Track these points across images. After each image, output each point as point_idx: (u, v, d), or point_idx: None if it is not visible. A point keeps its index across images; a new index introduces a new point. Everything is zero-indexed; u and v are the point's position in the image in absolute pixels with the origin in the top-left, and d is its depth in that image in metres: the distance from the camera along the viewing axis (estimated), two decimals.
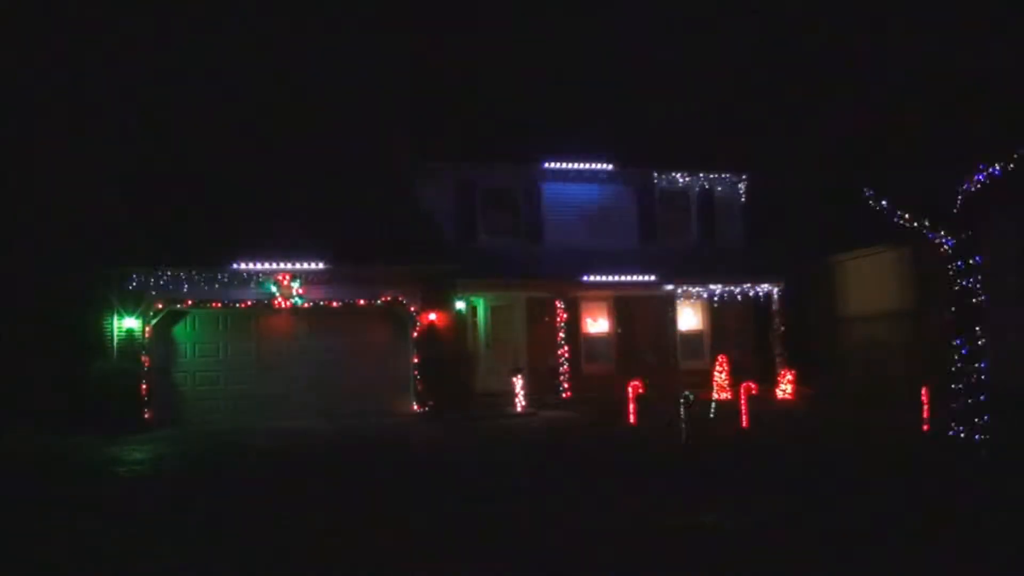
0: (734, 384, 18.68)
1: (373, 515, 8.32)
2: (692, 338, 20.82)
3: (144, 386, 15.84)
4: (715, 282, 19.96)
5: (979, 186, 12.28)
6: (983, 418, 12.06)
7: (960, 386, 12.24)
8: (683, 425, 13.02)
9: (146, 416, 15.71)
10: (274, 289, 16.63)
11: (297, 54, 26.15)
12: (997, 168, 12.02)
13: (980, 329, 12.26)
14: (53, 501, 9.40)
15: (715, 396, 17.02)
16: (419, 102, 24.14)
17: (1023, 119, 11.72)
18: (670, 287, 19.65)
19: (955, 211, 12.51)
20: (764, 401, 17.69)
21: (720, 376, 19.22)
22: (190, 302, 16.40)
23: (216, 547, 7.23)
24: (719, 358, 19.61)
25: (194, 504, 9.10)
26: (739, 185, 21.80)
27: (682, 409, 13.14)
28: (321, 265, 16.76)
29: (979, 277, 12.38)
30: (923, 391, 13.49)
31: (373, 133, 23.76)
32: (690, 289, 19.81)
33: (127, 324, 15.97)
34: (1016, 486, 9.19)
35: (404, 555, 6.86)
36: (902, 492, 8.99)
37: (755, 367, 20.42)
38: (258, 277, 16.57)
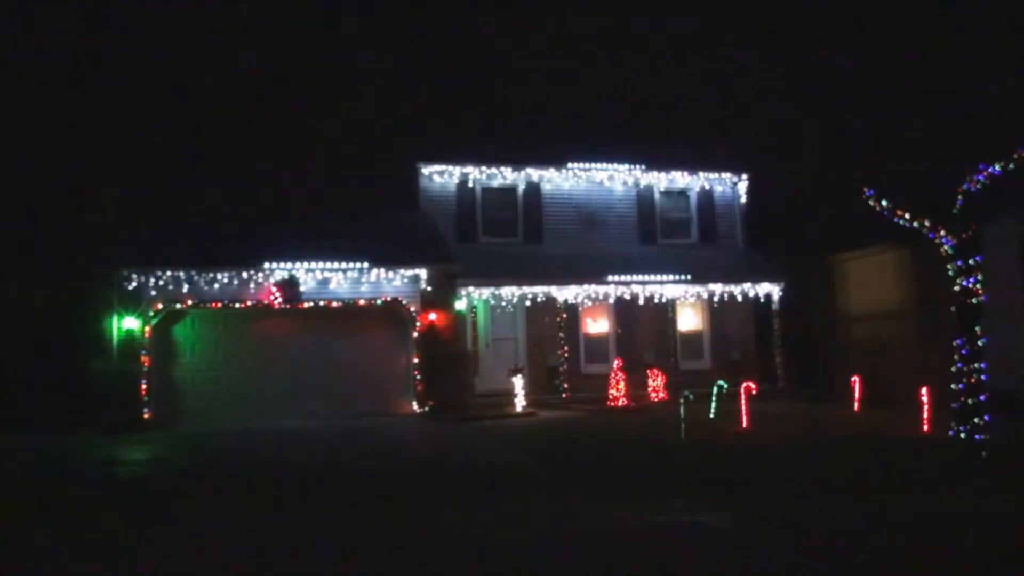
0: (734, 384, 18.69)
1: (370, 515, 8.32)
2: (692, 338, 20.81)
3: (144, 386, 15.83)
4: (715, 282, 19.94)
5: (979, 186, 12.29)
6: (983, 418, 12.08)
7: (960, 386, 12.25)
8: (683, 425, 13.02)
9: (146, 416, 15.71)
10: (274, 289, 16.62)
11: (298, 55, 26.15)
12: (997, 168, 12.03)
13: (980, 329, 12.28)
14: (51, 501, 9.40)
15: (715, 396, 16.95)
16: (421, 102, 24.15)
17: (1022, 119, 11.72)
18: (670, 287, 19.63)
19: (955, 211, 12.52)
20: (765, 401, 17.68)
21: (720, 376, 19.21)
22: (190, 302, 16.39)
23: (213, 547, 7.23)
24: (719, 358, 19.60)
25: (192, 505, 9.09)
26: (739, 185, 21.78)
27: (682, 409, 13.15)
28: (321, 265, 16.75)
29: (979, 277, 12.39)
30: (923, 391, 13.49)
31: (374, 133, 23.79)
32: (690, 289, 19.79)
33: (127, 324, 15.96)
34: (1016, 486, 9.19)
35: (401, 556, 6.85)
36: (901, 492, 8.98)
37: (755, 367, 20.42)
38: (258, 277, 16.56)
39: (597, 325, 20.50)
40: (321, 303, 16.88)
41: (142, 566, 6.75)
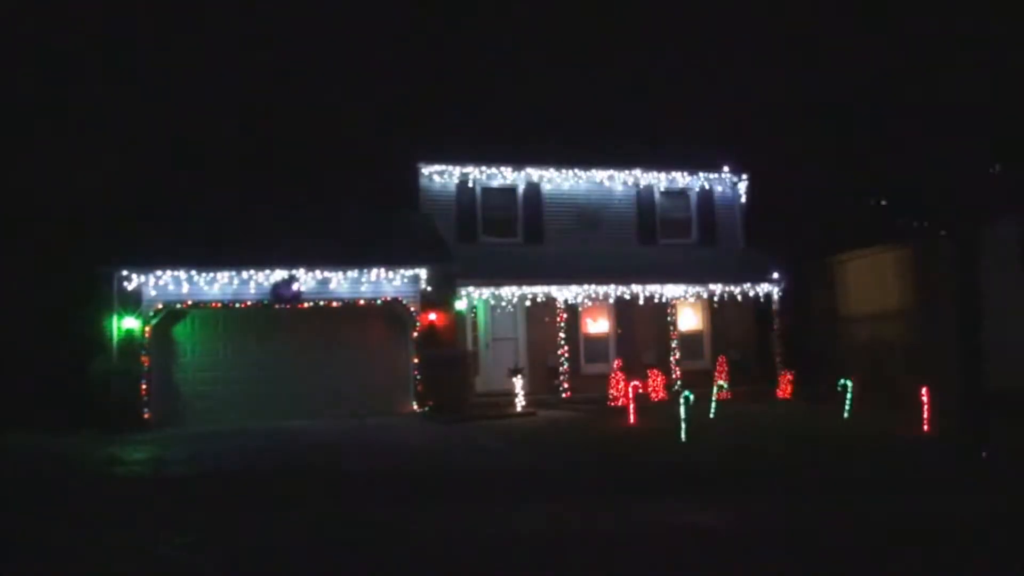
0: (734, 384, 18.70)
1: (370, 514, 8.32)
2: (692, 338, 20.79)
3: (144, 386, 15.83)
4: (715, 282, 19.93)
5: (980, 186, 12.30)
6: (983, 418, 12.07)
7: (960, 386, 12.25)
8: (683, 425, 13.02)
9: (146, 416, 15.70)
10: (274, 289, 16.60)
11: (298, 54, 26.16)
12: (997, 168, 12.05)
13: (980, 329, 12.27)
14: (51, 501, 9.40)
15: (715, 396, 16.98)
16: (420, 102, 24.15)
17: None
18: (670, 287, 19.62)
19: (955, 211, 12.52)
20: (764, 402, 17.68)
21: (720, 376, 19.21)
22: (190, 302, 16.39)
23: (211, 548, 7.23)
24: (719, 358, 19.63)
25: (193, 504, 9.09)
26: (739, 185, 21.78)
27: (682, 409, 13.15)
28: (321, 265, 16.75)
29: (979, 277, 12.39)
30: (923, 391, 13.49)
31: (374, 133, 23.78)
32: (690, 289, 19.78)
33: (127, 324, 15.96)
34: (1016, 487, 9.18)
35: (400, 557, 6.85)
36: (902, 492, 8.97)
37: (755, 367, 20.41)
38: (258, 277, 16.54)
39: (597, 325, 20.50)
40: (321, 303, 16.88)
41: (143, 566, 6.75)
